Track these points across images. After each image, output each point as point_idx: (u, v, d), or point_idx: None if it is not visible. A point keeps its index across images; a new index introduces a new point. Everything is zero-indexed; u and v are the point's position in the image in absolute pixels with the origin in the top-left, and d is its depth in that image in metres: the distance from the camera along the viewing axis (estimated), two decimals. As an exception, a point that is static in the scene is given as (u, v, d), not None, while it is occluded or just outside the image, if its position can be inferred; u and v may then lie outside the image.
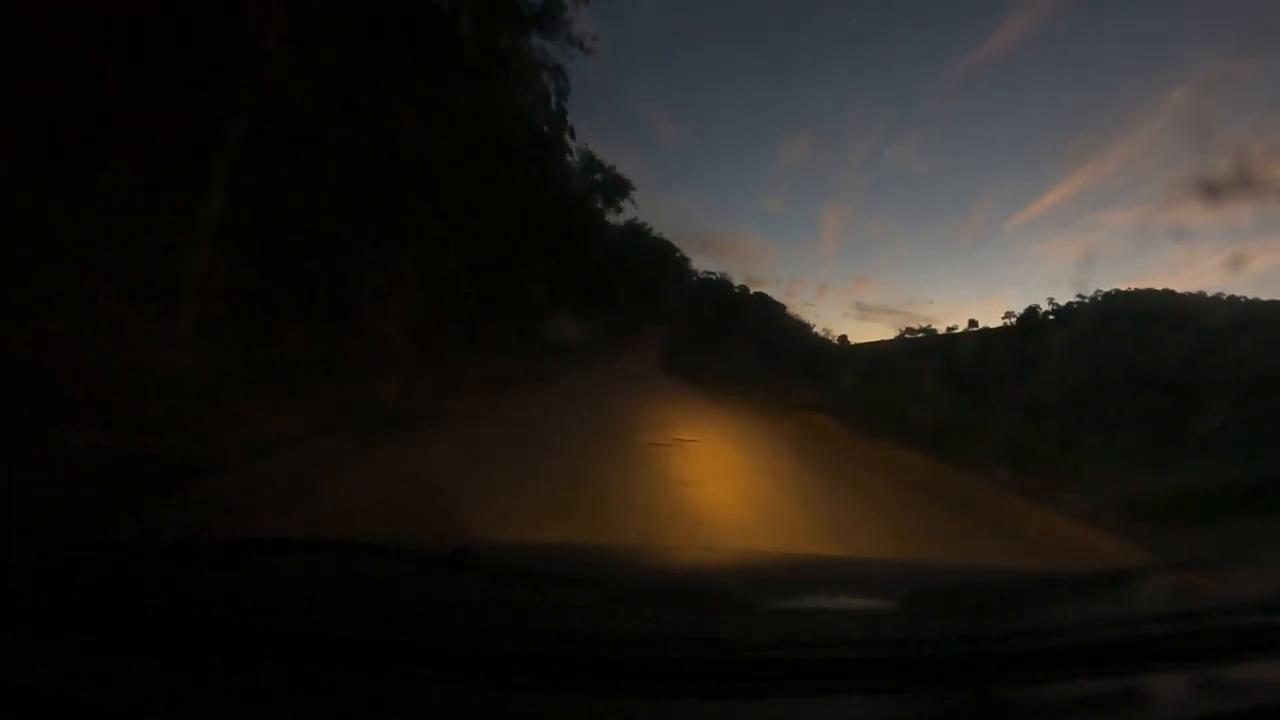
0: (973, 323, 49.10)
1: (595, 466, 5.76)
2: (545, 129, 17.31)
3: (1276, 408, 13.23)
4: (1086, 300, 50.42)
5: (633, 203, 39.86)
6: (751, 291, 68.73)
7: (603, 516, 4.26)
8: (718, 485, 5.63)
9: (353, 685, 0.75)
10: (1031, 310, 49.30)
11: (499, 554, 1.44)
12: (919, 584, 1.38)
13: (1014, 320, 49.25)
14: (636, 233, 58.88)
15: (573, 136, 19.70)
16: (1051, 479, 7.36)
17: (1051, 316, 47.75)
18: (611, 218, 38.38)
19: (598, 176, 36.52)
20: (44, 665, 0.79)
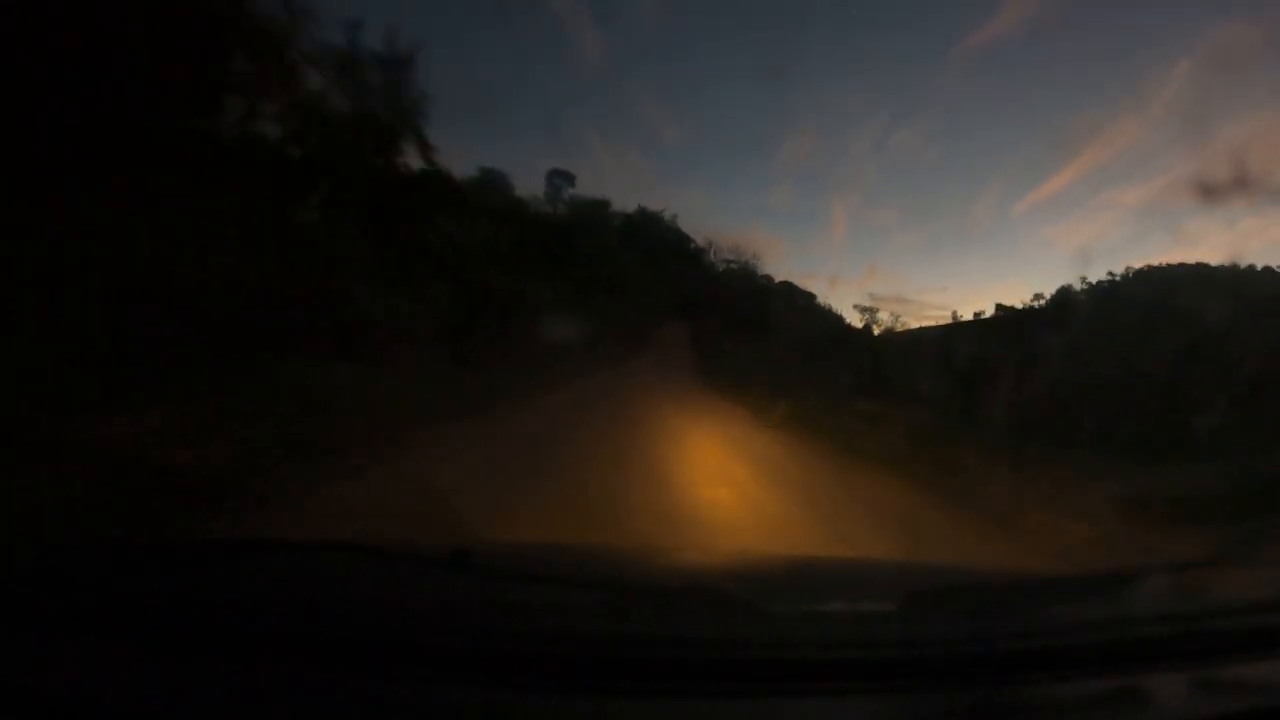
0: (999, 307, 46.09)
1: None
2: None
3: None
4: (1118, 278, 47.66)
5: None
6: (776, 281, 57.63)
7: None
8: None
9: (353, 686, 0.75)
10: (1064, 290, 45.71)
11: (499, 554, 1.44)
12: (919, 585, 1.38)
13: (1043, 302, 46.39)
14: (650, 220, 51.97)
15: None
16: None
17: (1083, 297, 44.67)
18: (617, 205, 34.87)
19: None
20: (44, 665, 0.79)
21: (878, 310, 48.30)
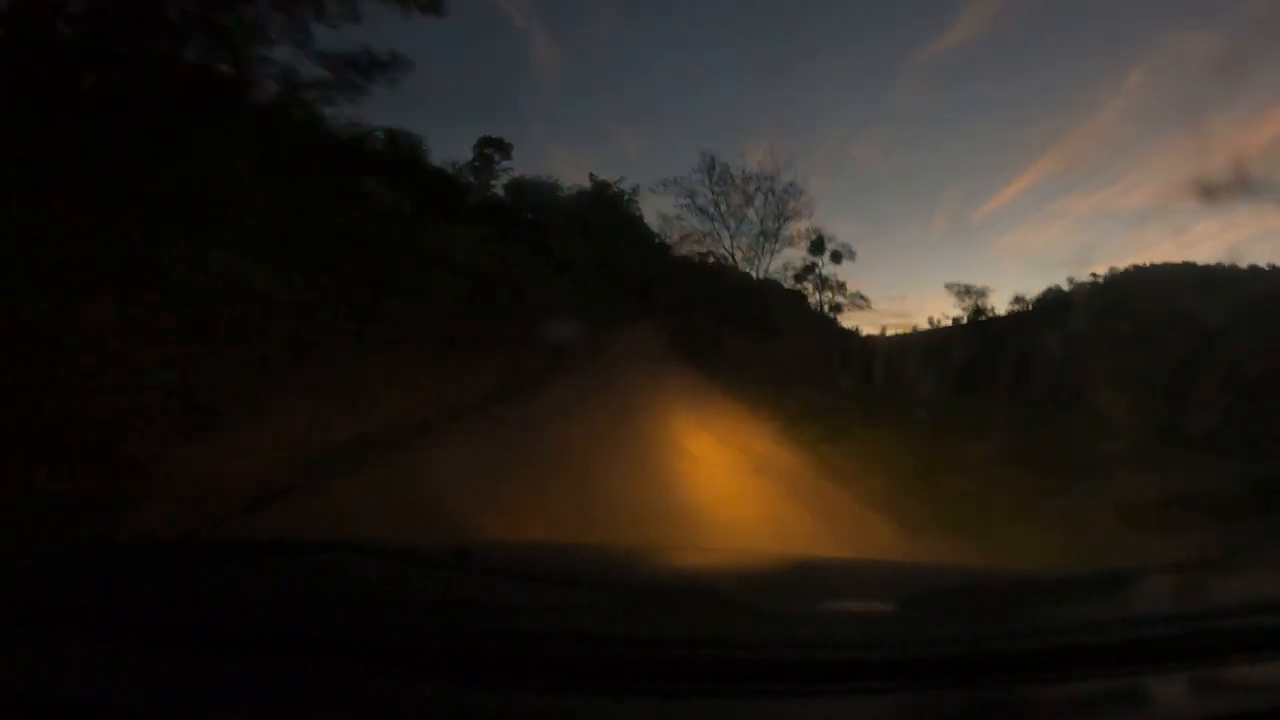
0: (977, 311, 44.17)
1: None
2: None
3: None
4: (1100, 279, 45.44)
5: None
6: (755, 279, 44.71)
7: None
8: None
9: (352, 686, 0.75)
10: (1054, 292, 43.01)
11: (499, 554, 1.44)
12: (919, 585, 1.38)
13: (1025, 305, 44.05)
14: (607, 201, 39.13)
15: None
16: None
17: (1074, 297, 42.24)
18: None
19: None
20: (44, 665, 0.79)
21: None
